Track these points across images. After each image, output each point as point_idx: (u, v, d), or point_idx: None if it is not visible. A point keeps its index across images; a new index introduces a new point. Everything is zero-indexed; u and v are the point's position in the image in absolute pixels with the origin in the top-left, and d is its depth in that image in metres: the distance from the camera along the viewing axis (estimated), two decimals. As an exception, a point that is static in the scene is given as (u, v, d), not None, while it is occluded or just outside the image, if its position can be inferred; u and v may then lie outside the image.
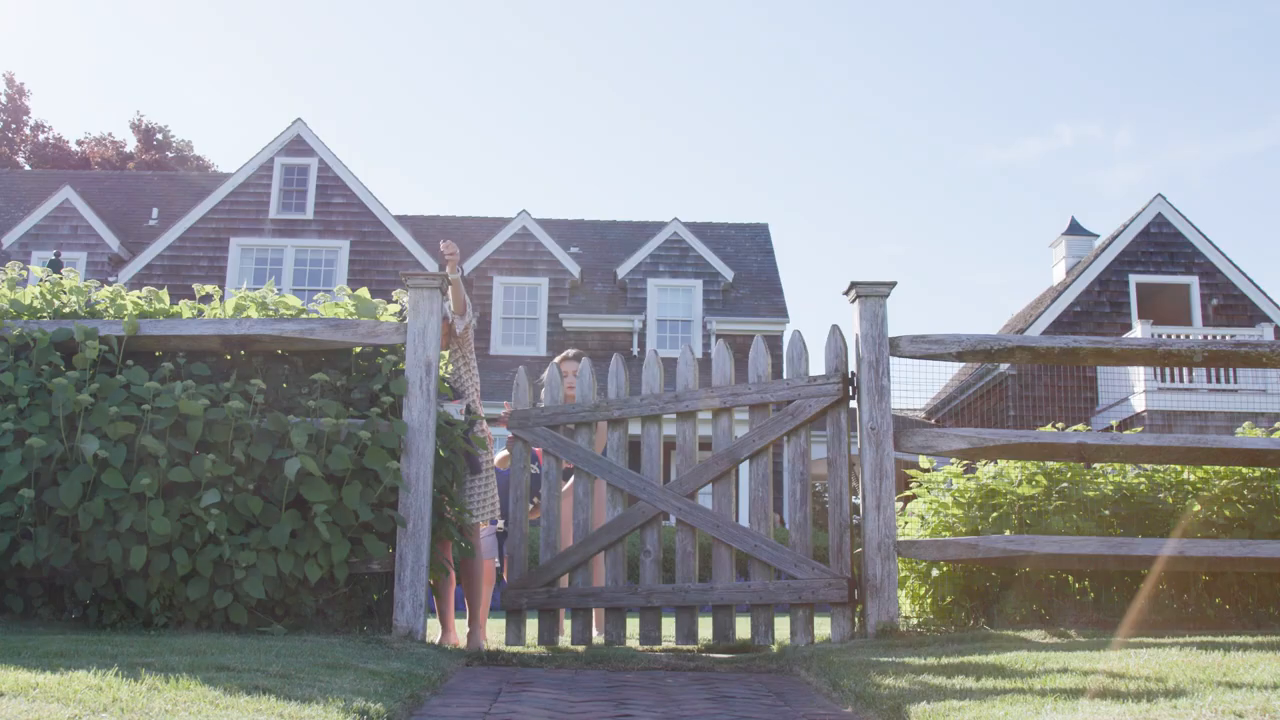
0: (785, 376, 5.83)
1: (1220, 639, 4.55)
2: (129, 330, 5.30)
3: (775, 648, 5.48)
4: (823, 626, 5.70)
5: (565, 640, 6.15)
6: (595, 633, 6.22)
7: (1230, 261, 22.19)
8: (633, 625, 6.79)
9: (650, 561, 5.96)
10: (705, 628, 6.18)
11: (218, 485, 4.94)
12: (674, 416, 6.02)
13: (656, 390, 6.03)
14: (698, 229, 26.34)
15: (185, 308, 5.66)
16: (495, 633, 6.68)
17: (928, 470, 6.24)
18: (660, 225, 25.97)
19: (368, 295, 5.70)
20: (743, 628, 6.90)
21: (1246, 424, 6.50)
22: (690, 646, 5.80)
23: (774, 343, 22.29)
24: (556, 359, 6.75)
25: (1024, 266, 74.71)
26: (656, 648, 5.76)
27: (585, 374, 6.19)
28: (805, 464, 5.73)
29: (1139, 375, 19.14)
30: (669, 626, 6.54)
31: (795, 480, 5.74)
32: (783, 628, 6.28)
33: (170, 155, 45.19)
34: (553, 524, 6.14)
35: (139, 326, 5.32)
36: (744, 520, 15.30)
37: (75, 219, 23.62)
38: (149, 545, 4.87)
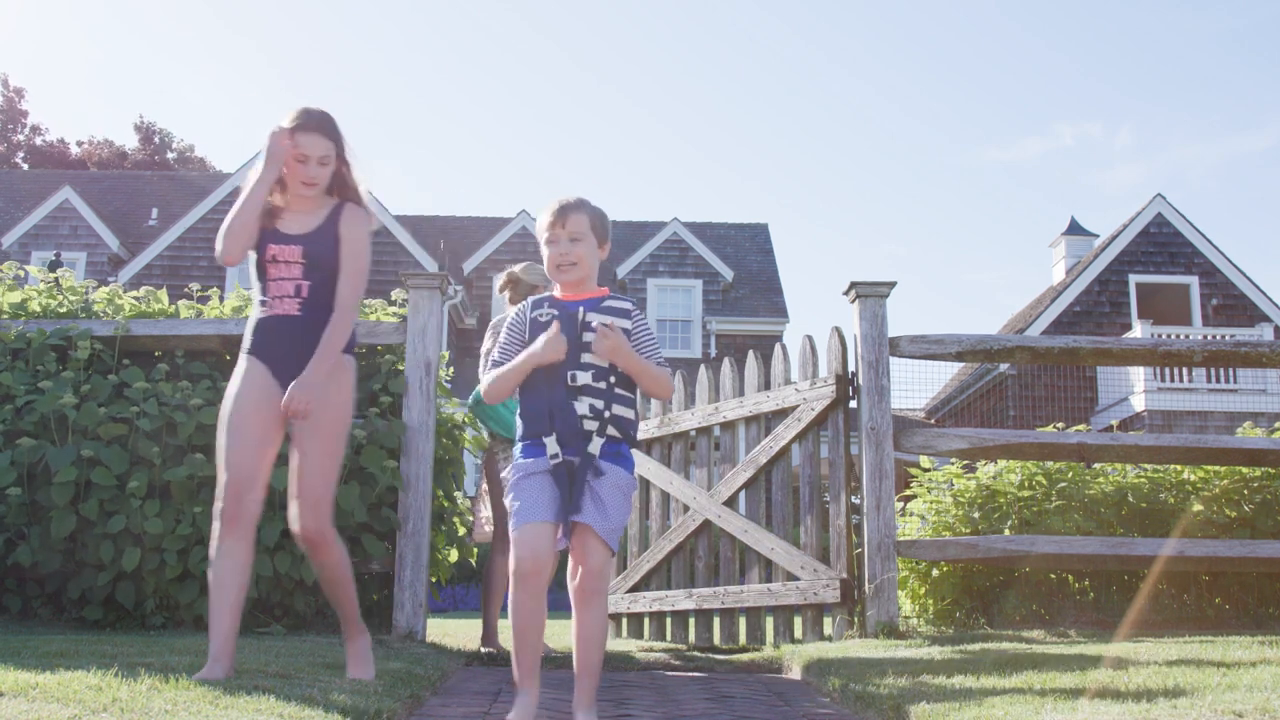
0: (794, 380, 5.84)
1: (1220, 639, 4.55)
2: (119, 331, 5.30)
3: (775, 648, 5.48)
4: (830, 626, 5.70)
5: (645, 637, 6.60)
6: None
7: (1230, 261, 22.18)
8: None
9: (702, 566, 6.23)
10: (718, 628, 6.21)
11: (210, 485, 4.94)
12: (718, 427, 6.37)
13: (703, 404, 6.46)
14: (698, 229, 26.33)
15: (184, 307, 5.66)
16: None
17: (928, 470, 6.24)
18: (660, 225, 25.96)
19: None
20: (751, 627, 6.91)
21: (1246, 424, 6.50)
22: (730, 646, 5.95)
23: (771, 344, 22.27)
24: (547, 216, 3.07)
25: (1024, 266, 74.77)
26: (658, 646, 5.76)
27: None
28: (814, 467, 5.73)
29: (1139, 375, 19.13)
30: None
31: (805, 483, 5.76)
32: (798, 628, 6.30)
33: (171, 157, 45.16)
34: (637, 534, 6.65)
35: (129, 328, 5.31)
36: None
37: (75, 219, 23.61)
38: (143, 546, 4.86)
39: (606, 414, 2.91)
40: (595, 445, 2.88)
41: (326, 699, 2.85)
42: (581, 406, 2.89)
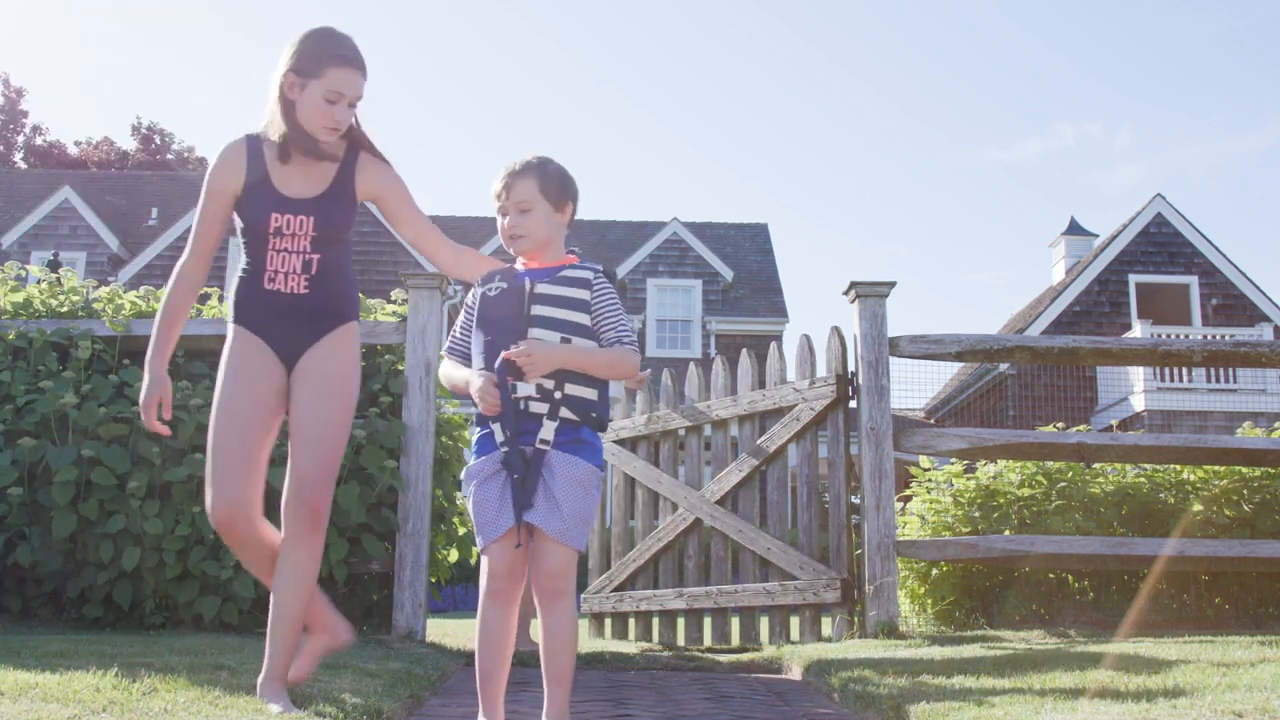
0: (792, 380, 5.84)
1: (1220, 639, 4.55)
2: (119, 330, 5.30)
3: (775, 648, 5.48)
4: (828, 626, 5.70)
5: (632, 639, 6.52)
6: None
7: (1230, 261, 22.17)
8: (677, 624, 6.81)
9: (692, 566, 6.20)
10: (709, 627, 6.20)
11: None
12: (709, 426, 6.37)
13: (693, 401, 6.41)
14: (697, 229, 26.33)
15: (184, 307, 5.65)
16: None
17: (928, 470, 6.24)
18: (660, 225, 25.97)
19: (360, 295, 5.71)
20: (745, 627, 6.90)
21: (1246, 424, 6.50)
22: (723, 646, 5.93)
23: (766, 344, 22.27)
24: (495, 185, 2.81)
25: (1024, 266, 74.74)
26: (655, 648, 5.75)
27: (642, 390, 6.63)
28: (812, 467, 5.73)
29: (1139, 375, 19.13)
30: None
31: (802, 483, 5.76)
32: (795, 628, 6.29)
33: (170, 157, 45.15)
34: (622, 533, 6.59)
35: (130, 326, 5.32)
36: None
37: (75, 219, 23.61)
38: (143, 546, 4.86)
39: (558, 394, 2.56)
40: (548, 430, 2.55)
41: (326, 698, 2.85)
42: (527, 386, 2.55)
